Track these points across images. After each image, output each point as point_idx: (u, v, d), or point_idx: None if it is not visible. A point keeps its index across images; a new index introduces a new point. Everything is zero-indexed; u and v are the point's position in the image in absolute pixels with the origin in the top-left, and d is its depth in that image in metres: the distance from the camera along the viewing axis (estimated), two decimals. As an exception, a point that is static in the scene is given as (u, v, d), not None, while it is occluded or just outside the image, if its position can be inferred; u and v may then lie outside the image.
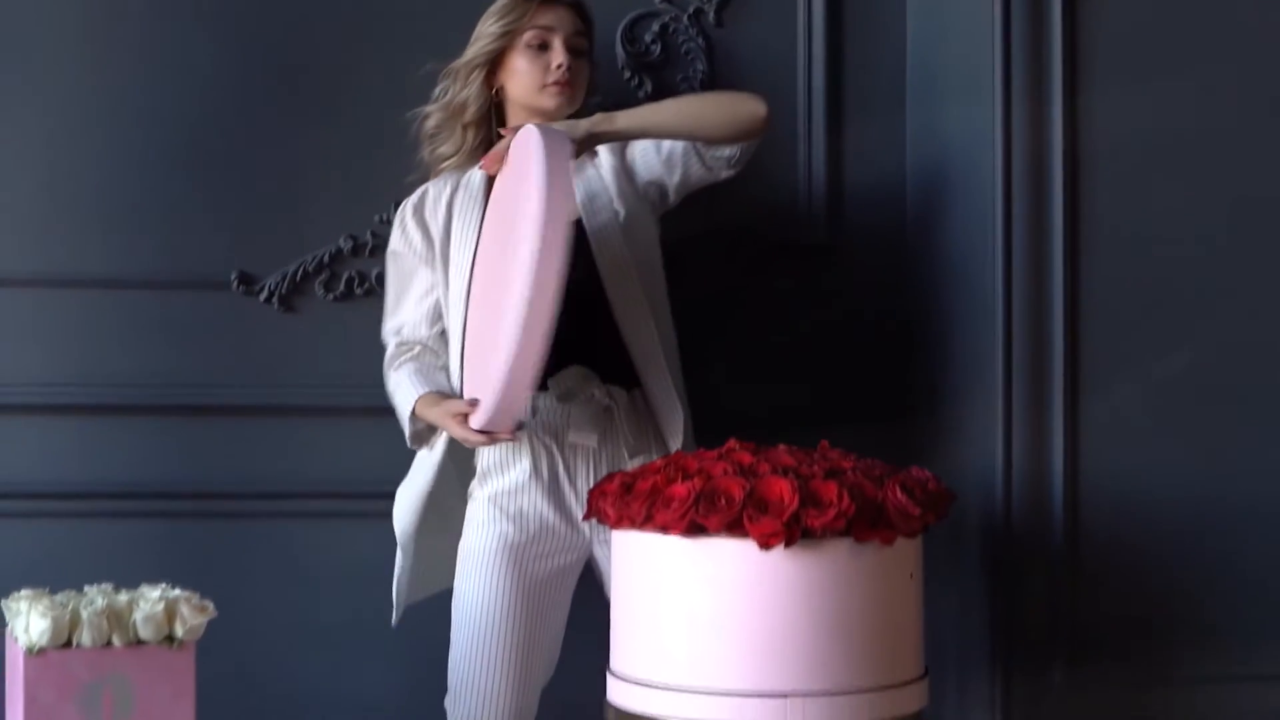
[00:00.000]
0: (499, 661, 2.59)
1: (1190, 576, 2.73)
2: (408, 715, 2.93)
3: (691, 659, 2.23)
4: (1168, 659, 2.73)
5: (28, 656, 2.22)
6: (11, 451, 2.90)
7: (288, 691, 2.94)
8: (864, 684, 2.23)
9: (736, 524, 2.18)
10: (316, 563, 2.96)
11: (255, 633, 2.91)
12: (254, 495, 2.93)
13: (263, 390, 2.94)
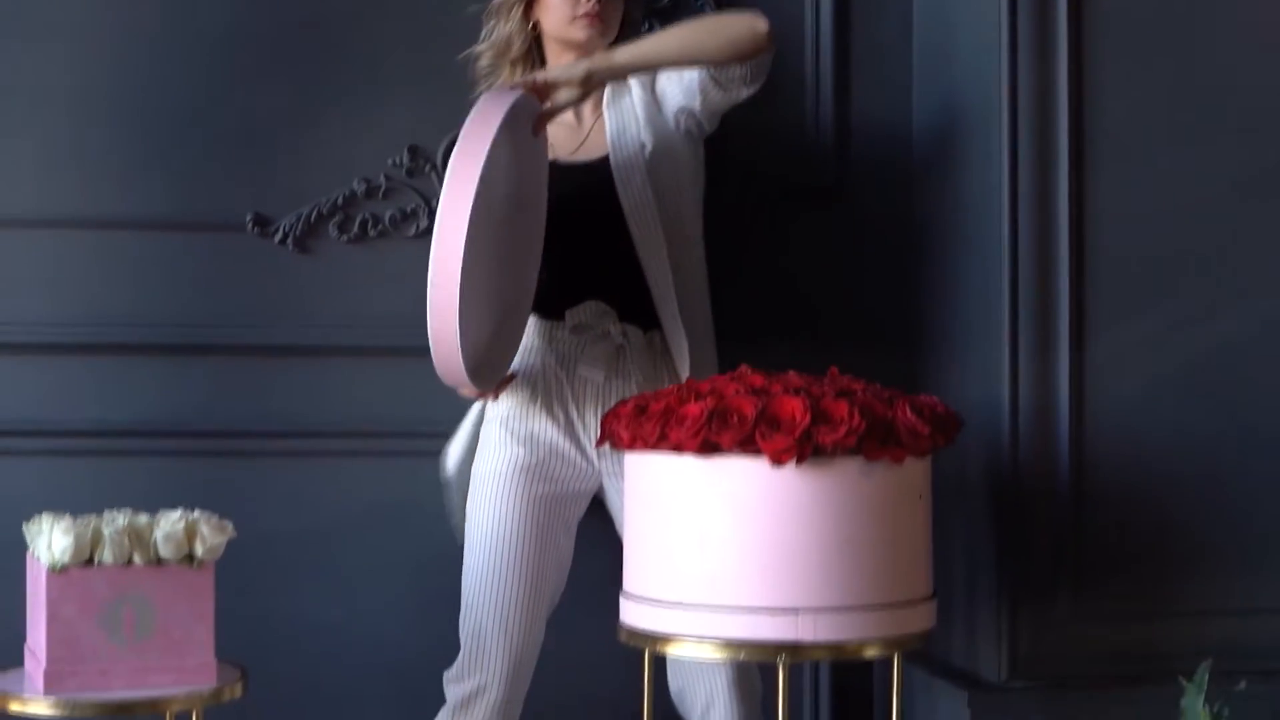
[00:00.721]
0: (510, 580, 2.63)
1: (1194, 510, 2.75)
2: (420, 651, 2.95)
3: (703, 576, 2.26)
4: (1172, 591, 2.75)
5: (50, 574, 2.26)
6: (29, 390, 2.93)
7: (301, 628, 2.97)
8: (873, 600, 2.26)
9: (749, 441, 2.22)
10: (330, 501, 2.99)
11: (270, 571, 2.94)
12: (267, 434, 2.96)
13: (277, 330, 2.97)
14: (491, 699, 2.67)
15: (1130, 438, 2.74)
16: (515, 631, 2.65)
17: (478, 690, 2.67)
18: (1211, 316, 2.77)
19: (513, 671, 2.67)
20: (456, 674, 2.70)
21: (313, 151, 2.97)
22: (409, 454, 2.95)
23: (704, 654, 2.29)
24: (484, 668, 2.66)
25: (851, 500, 2.25)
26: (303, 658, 2.97)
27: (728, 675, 2.67)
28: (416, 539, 2.97)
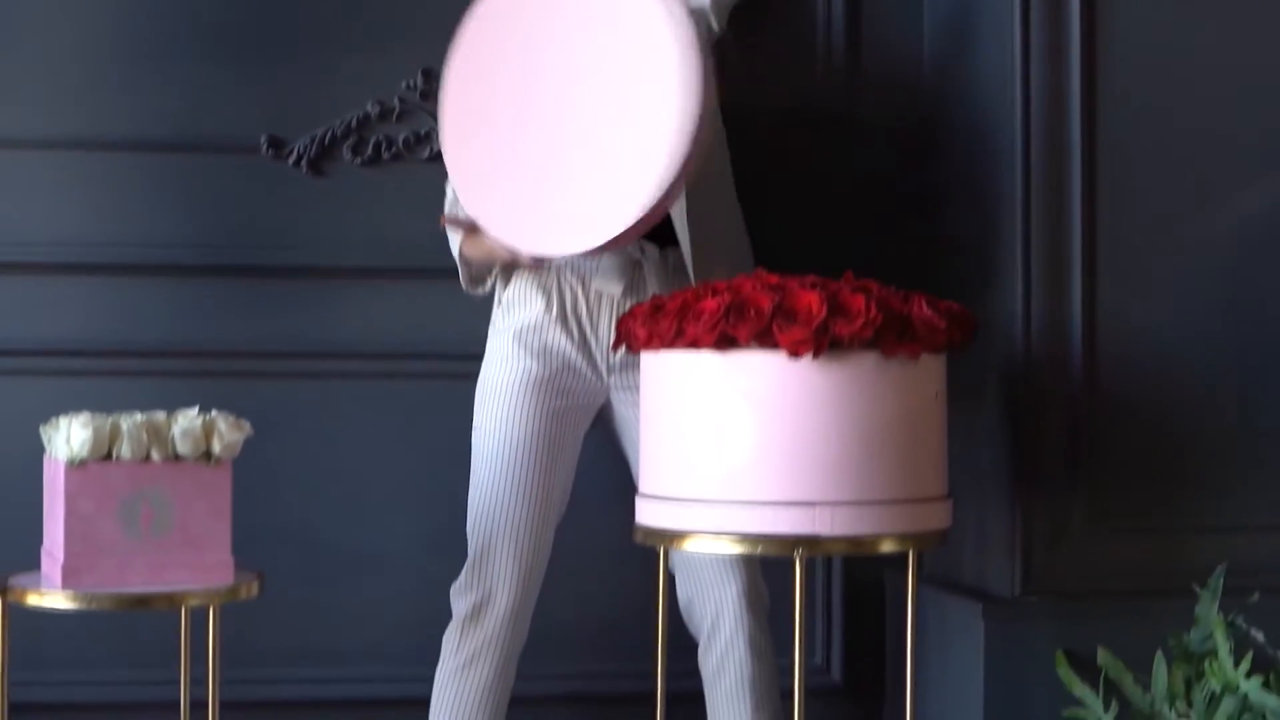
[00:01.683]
0: (521, 493, 2.64)
1: (1208, 425, 2.75)
2: (433, 569, 2.96)
3: (720, 472, 2.27)
4: (1185, 505, 2.75)
5: (68, 468, 2.26)
6: (44, 311, 2.94)
7: (315, 546, 2.98)
8: (890, 496, 2.27)
9: (766, 334, 2.22)
10: (343, 421, 3.00)
11: (283, 490, 2.95)
12: (280, 355, 2.98)
13: (291, 252, 2.98)
14: (500, 610, 2.68)
15: (1144, 351, 2.74)
16: (525, 543, 2.66)
17: (486, 601, 2.67)
18: (1228, 225, 2.77)
19: (522, 582, 2.68)
20: (464, 586, 2.70)
21: (327, 74, 2.98)
22: (421, 375, 2.97)
23: (720, 549, 2.29)
24: (493, 579, 2.67)
25: (868, 395, 2.26)
26: (317, 575, 2.99)
27: (737, 585, 2.68)
28: (430, 458, 2.98)
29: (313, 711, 2.94)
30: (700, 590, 2.71)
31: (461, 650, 2.70)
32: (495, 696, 2.72)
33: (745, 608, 2.69)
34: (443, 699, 2.71)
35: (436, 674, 2.72)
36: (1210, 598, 2.53)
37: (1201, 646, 2.53)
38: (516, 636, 2.71)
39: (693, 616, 2.75)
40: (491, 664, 2.69)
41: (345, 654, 3.00)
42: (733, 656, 2.71)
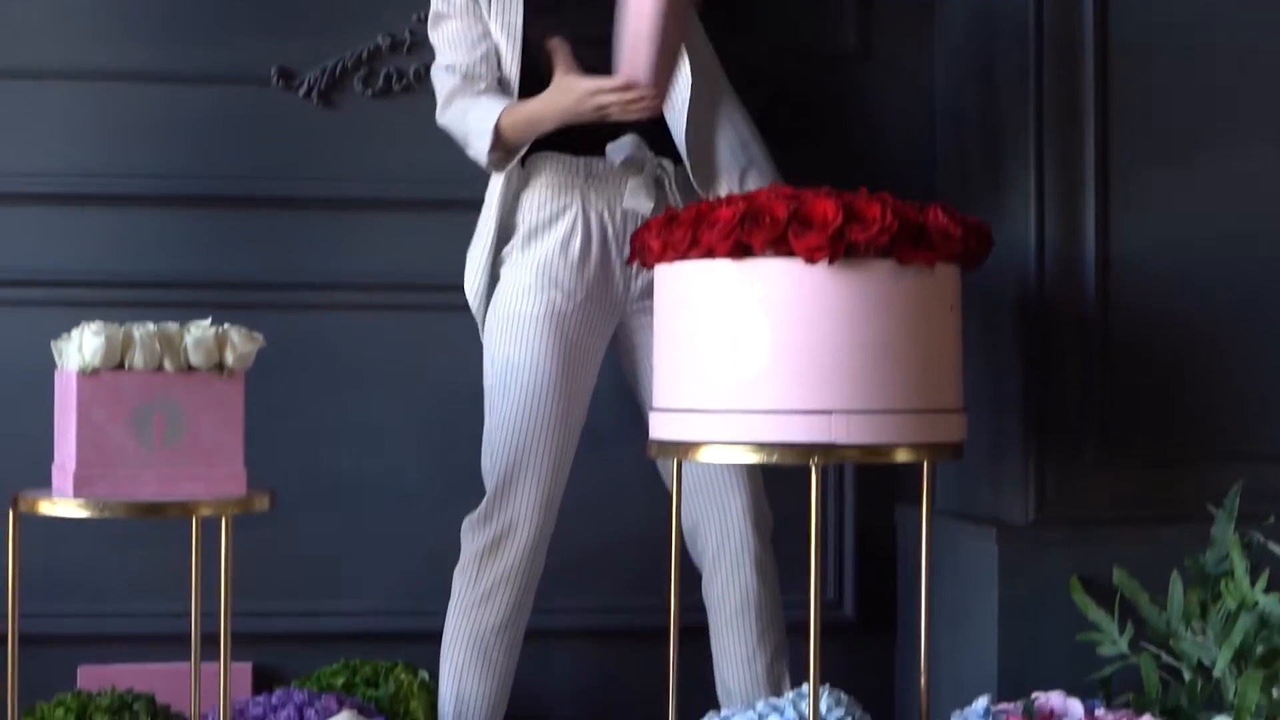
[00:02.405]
0: (543, 424, 2.62)
1: (1222, 353, 2.74)
2: (439, 504, 2.96)
3: (735, 381, 2.25)
4: (1199, 438, 2.74)
5: (81, 377, 2.25)
6: (52, 242, 2.94)
7: (322, 480, 2.97)
8: (905, 405, 2.25)
9: (781, 241, 2.21)
10: (353, 354, 3.00)
11: (290, 424, 2.94)
12: (291, 286, 2.97)
13: (301, 183, 2.98)
14: (521, 543, 2.66)
15: (1158, 280, 2.73)
16: (546, 475, 2.64)
17: (506, 534, 2.66)
18: (1240, 156, 2.76)
19: (543, 514, 2.66)
20: (481, 519, 2.68)
21: (337, 6, 2.98)
22: (430, 307, 2.96)
23: (735, 458, 2.28)
24: (514, 512, 2.65)
25: (884, 303, 2.24)
26: (324, 509, 2.99)
27: (741, 504, 2.67)
28: (436, 390, 2.97)
29: (318, 644, 2.92)
30: (705, 514, 2.70)
31: (479, 584, 2.68)
32: (513, 629, 2.70)
33: (751, 529, 2.68)
34: (458, 633, 2.69)
35: (451, 608, 2.71)
36: (1226, 518, 2.52)
37: (1218, 568, 2.51)
38: (535, 568, 2.70)
39: (696, 542, 2.73)
40: (511, 596, 2.68)
41: (353, 587, 3.00)
42: (738, 580, 2.70)
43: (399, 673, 2.78)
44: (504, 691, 2.72)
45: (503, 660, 2.70)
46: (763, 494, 2.72)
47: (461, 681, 2.69)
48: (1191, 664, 2.45)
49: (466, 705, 2.69)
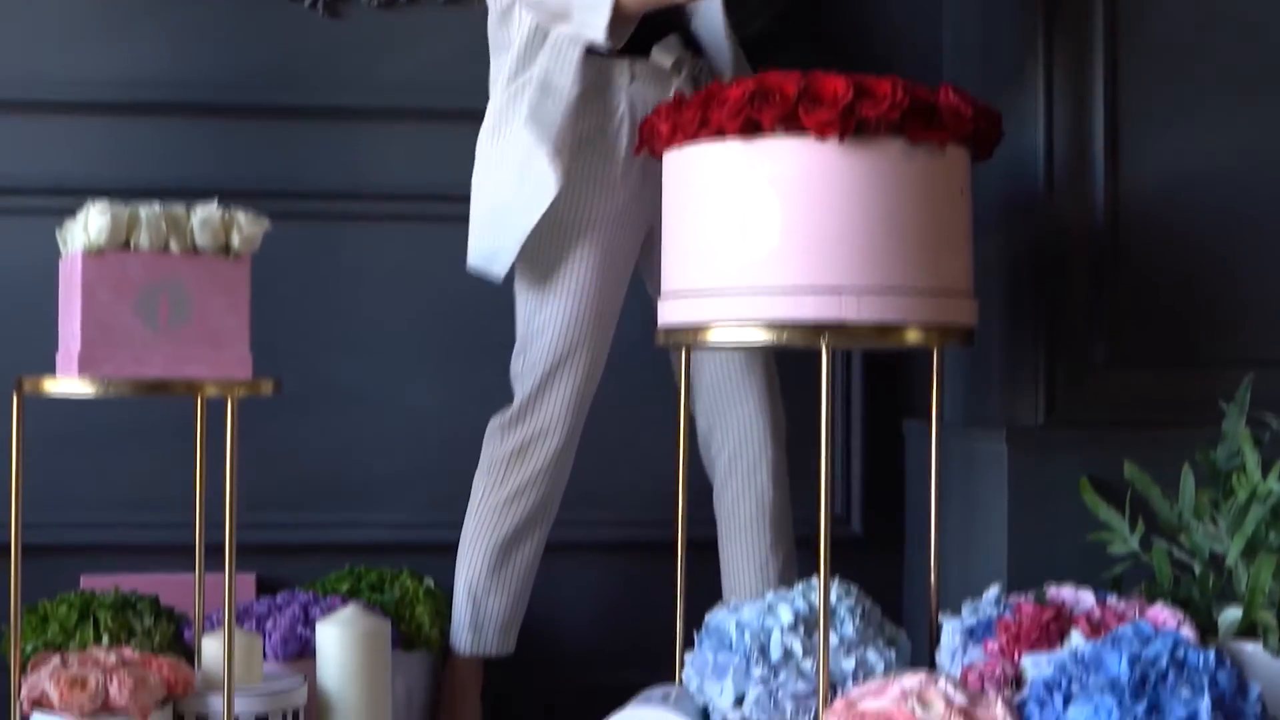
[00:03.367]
0: (580, 329, 2.61)
1: (1230, 261, 2.73)
2: (446, 417, 2.94)
3: (746, 262, 2.24)
4: (1208, 340, 2.73)
5: (86, 256, 2.23)
6: (57, 150, 2.94)
7: (329, 391, 2.96)
8: (916, 284, 2.24)
9: (792, 117, 2.20)
10: (360, 265, 2.99)
11: (299, 335, 2.93)
12: (295, 195, 2.96)
13: (307, 93, 2.98)
14: (551, 445, 2.64)
15: (1167, 187, 2.72)
16: (581, 378, 2.62)
17: (537, 437, 2.64)
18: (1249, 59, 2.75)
19: (574, 418, 2.65)
20: (512, 420, 2.65)
21: (342, -83, 2.99)
22: (437, 218, 2.95)
23: (745, 337, 2.26)
24: (547, 416, 2.63)
25: (895, 182, 2.23)
26: (328, 419, 2.97)
27: (760, 408, 2.66)
28: (444, 302, 2.96)
29: (323, 556, 2.91)
30: (722, 415, 2.68)
31: (504, 486, 2.66)
32: (536, 536, 2.69)
33: (768, 432, 2.67)
34: (479, 536, 2.68)
35: (471, 511, 2.69)
36: (1237, 412, 2.50)
37: (1229, 464, 2.49)
38: (562, 473, 2.68)
39: (711, 447, 2.72)
40: (537, 499, 2.66)
41: (358, 500, 2.98)
42: (753, 485, 2.69)
43: (404, 579, 2.76)
44: (521, 601, 2.71)
45: (523, 567, 2.69)
46: (779, 398, 2.70)
47: (478, 588, 2.67)
48: (1203, 557, 2.43)
49: (482, 612, 2.68)
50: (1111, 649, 2.02)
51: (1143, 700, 1.95)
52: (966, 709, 2.03)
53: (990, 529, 2.69)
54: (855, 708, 2.07)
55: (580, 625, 3.02)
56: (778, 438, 2.69)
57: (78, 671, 2.24)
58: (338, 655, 2.41)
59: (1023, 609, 2.27)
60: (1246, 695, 1.99)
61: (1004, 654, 2.24)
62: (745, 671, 2.30)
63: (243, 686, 2.33)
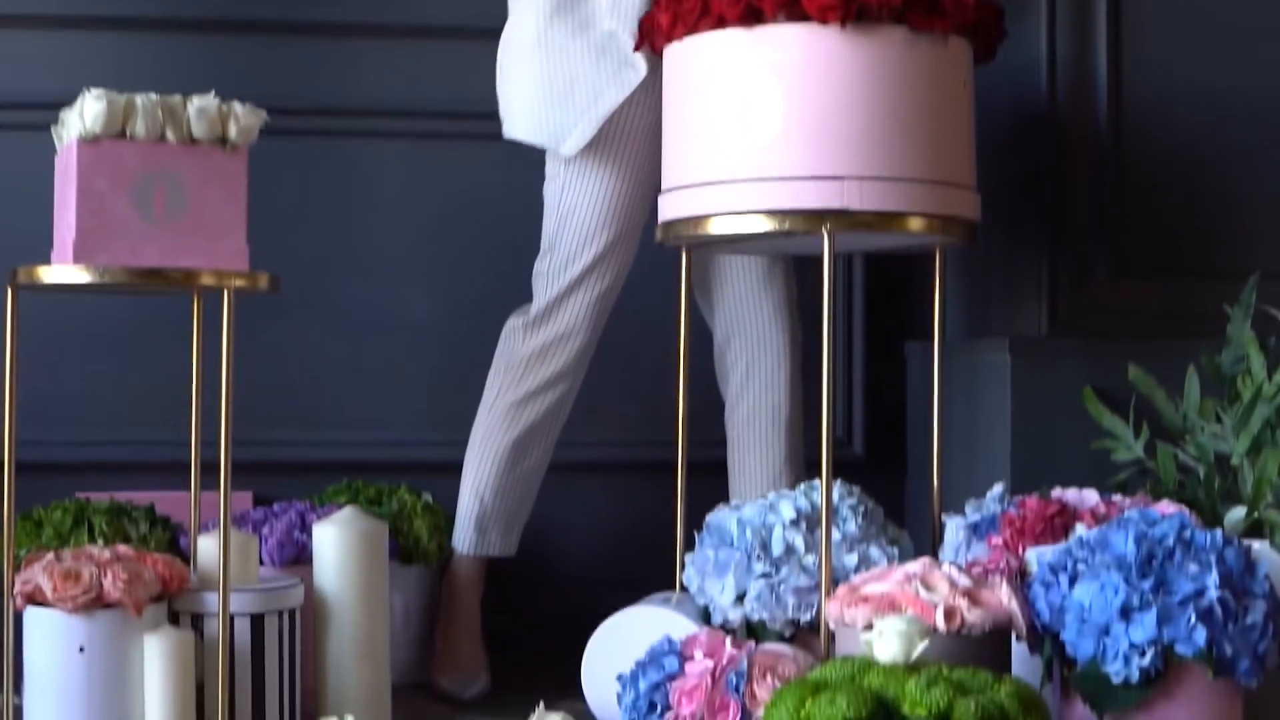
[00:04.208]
0: (615, 231, 2.58)
1: (1235, 169, 2.72)
2: (446, 335, 2.92)
3: (748, 151, 2.22)
4: (1210, 252, 2.72)
5: (82, 144, 2.21)
6: (59, 65, 2.92)
7: (328, 307, 2.95)
8: (919, 174, 2.22)
9: (793, 3, 2.18)
10: (362, 182, 2.97)
11: (299, 251, 2.91)
12: (298, 112, 2.94)
13: (309, 8, 2.97)
14: (573, 348, 2.62)
15: (1170, 99, 2.71)
16: (609, 281, 2.60)
17: (561, 339, 2.61)
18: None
19: (598, 321, 2.62)
20: (536, 320, 2.62)
21: None
22: (441, 135, 2.94)
23: (747, 226, 2.24)
24: (572, 317, 2.60)
25: (897, 70, 2.21)
26: (327, 335, 2.95)
27: (779, 317, 2.63)
28: (446, 219, 2.95)
29: (319, 474, 2.89)
30: (740, 326, 2.66)
31: (522, 384, 2.63)
32: (547, 438, 2.66)
33: (787, 346, 2.65)
34: (490, 434, 2.65)
35: (483, 410, 2.66)
36: (1242, 315, 2.48)
37: (1234, 369, 2.48)
38: (580, 372, 2.65)
39: (727, 358, 2.68)
40: (553, 401, 2.64)
41: (355, 417, 2.97)
42: (770, 397, 2.66)
43: (402, 493, 2.74)
44: (527, 502, 2.68)
45: (533, 468, 2.66)
46: (798, 314, 2.67)
47: (485, 487, 2.64)
48: (1208, 459, 2.42)
49: (488, 512, 2.65)
50: (1118, 529, 2.00)
51: (1149, 577, 1.93)
52: (971, 590, 2.01)
53: (993, 441, 2.67)
54: (858, 592, 2.05)
55: (582, 546, 3.00)
56: (795, 352, 2.67)
57: (71, 565, 2.22)
58: (335, 556, 2.39)
59: (1027, 503, 2.25)
60: (1255, 574, 1.96)
61: (1008, 548, 2.22)
62: (747, 568, 2.28)
63: (238, 586, 2.31)
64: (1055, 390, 2.62)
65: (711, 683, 2.01)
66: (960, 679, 1.84)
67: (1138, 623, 1.90)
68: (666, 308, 2.74)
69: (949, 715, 1.78)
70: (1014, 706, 1.81)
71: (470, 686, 2.61)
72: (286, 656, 2.33)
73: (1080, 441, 2.58)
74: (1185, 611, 1.90)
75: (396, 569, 2.66)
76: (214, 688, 2.25)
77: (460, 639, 2.66)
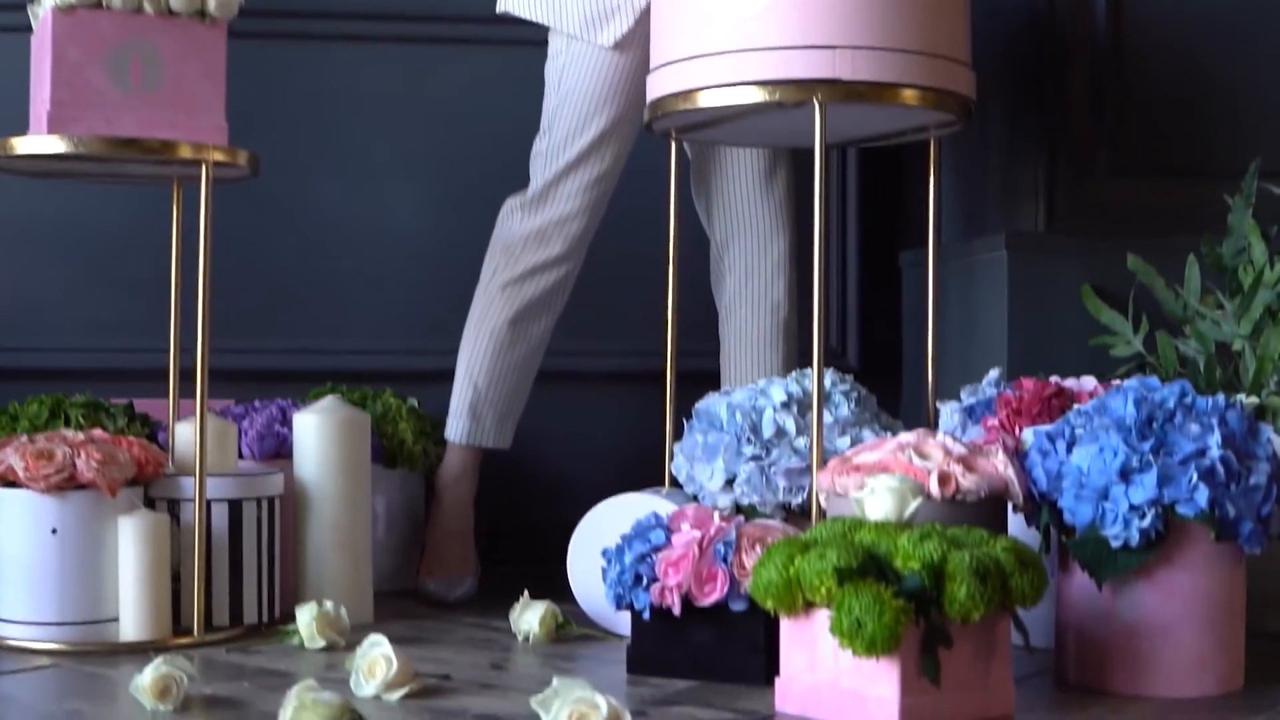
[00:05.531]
0: (616, 111, 2.51)
1: (1235, 70, 2.67)
2: (432, 242, 2.87)
3: (737, 20, 2.16)
4: (1210, 150, 2.67)
5: (57, 12, 2.16)
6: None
7: (310, 214, 2.89)
8: (912, 45, 2.16)
9: None
10: (346, 86, 2.92)
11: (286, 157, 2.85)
12: (283, 14, 2.89)
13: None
14: (572, 231, 2.56)
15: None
16: (609, 163, 2.54)
17: (560, 221, 2.55)
18: None
19: (598, 203, 2.56)
20: (535, 201, 2.56)
21: None
22: (428, 39, 2.88)
23: (738, 98, 2.18)
24: (571, 199, 2.55)
25: (891, -63, 2.16)
26: (311, 243, 2.89)
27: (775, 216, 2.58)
28: (433, 125, 2.90)
29: (301, 382, 2.82)
30: (740, 226, 2.60)
31: (519, 263, 2.57)
32: (545, 319, 2.60)
33: (788, 248, 2.59)
34: (486, 315, 2.58)
35: (480, 291, 2.60)
36: (1243, 204, 2.43)
37: (1235, 260, 2.43)
38: (579, 255, 2.59)
39: (724, 262, 2.62)
40: (551, 281, 2.57)
41: (339, 326, 2.91)
42: (768, 301, 2.61)
43: (388, 397, 2.69)
44: (521, 392, 2.62)
45: (529, 351, 2.60)
46: (797, 222, 2.62)
47: (479, 372, 2.58)
48: (1209, 348, 2.36)
49: (482, 399, 2.59)
50: (1116, 394, 1.95)
51: (1149, 439, 1.87)
52: (966, 458, 1.96)
53: (991, 340, 2.62)
54: (849, 462, 1.99)
55: (575, 457, 2.94)
56: (794, 256, 2.61)
57: (44, 445, 2.16)
58: (316, 444, 2.34)
59: (1024, 384, 2.20)
60: (1258, 437, 1.91)
61: (1005, 428, 2.17)
62: (736, 451, 2.22)
63: (216, 471, 2.26)
64: (1053, 288, 2.57)
65: (699, 553, 1.95)
66: (954, 535, 1.79)
67: (1137, 484, 1.85)
68: (665, 216, 2.69)
69: (942, 568, 1.73)
70: (1010, 561, 1.76)
71: (457, 588, 2.56)
72: (265, 545, 2.28)
73: (1079, 339, 2.53)
74: (1186, 471, 1.85)
75: (380, 473, 2.61)
76: (190, 574, 2.20)
77: (449, 539, 2.60)
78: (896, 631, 1.68)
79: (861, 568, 1.72)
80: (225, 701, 1.85)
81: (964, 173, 2.82)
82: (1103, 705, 1.85)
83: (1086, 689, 1.91)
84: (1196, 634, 1.89)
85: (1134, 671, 1.89)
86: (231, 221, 2.76)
